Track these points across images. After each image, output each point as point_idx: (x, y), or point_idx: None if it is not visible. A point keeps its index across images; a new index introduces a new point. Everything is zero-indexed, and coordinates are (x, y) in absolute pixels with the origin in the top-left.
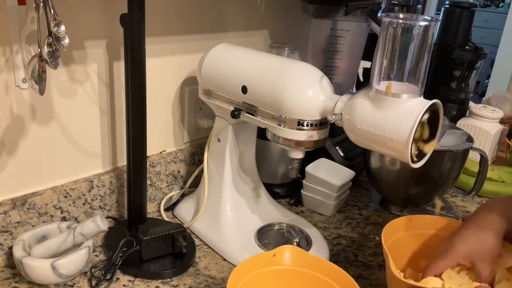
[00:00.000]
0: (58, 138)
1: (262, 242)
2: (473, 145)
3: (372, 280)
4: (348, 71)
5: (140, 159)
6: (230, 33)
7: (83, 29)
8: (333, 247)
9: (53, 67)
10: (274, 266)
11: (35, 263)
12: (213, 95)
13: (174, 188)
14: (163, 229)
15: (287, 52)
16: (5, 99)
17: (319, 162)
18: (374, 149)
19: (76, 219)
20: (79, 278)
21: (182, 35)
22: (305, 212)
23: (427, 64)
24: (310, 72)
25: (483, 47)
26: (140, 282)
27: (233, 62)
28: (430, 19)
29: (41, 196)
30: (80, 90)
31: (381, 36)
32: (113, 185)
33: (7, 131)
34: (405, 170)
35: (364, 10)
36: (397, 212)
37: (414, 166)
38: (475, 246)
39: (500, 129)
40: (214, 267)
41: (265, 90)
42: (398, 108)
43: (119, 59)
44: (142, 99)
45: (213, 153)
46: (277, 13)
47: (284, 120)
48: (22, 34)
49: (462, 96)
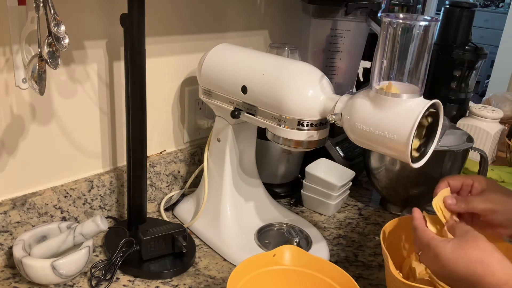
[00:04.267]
0: (58, 138)
1: (262, 242)
2: (473, 145)
3: (372, 280)
4: (348, 71)
5: (140, 159)
6: (230, 33)
7: (83, 29)
8: (333, 247)
9: (53, 67)
10: (274, 266)
11: (35, 263)
12: (213, 95)
13: (174, 188)
14: (163, 229)
15: (287, 52)
16: (5, 99)
17: (319, 162)
18: (374, 149)
19: (76, 219)
20: (79, 278)
21: (182, 35)
22: (305, 212)
23: (427, 64)
24: (310, 72)
25: (483, 47)
26: (140, 282)
27: (233, 62)
28: (430, 19)
29: (41, 196)
30: (80, 90)
31: (381, 36)
32: (113, 185)
33: (7, 131)
34: (405, 170)
35: (364, 10)
36: (397, 212)
37: (414, 166)
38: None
39: (500, 129)
40: (214, 267)
41: (265, 90)
42: (398, 108)
43: (119, 59)
44: (142, 99)
45: (213, 153)
46: (277, 13)
47: (284, 120)
48: (22, 34)
49: (462, 96)
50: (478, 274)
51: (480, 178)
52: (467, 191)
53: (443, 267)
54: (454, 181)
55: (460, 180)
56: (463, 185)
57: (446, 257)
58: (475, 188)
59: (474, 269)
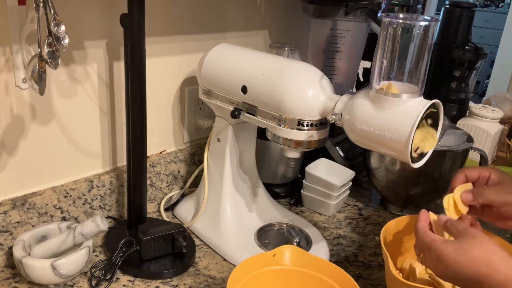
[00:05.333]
0: (58, 138)
1: (262, 242)
2: (473, 145)
3: (372, 280)
4: (348, 71)
5: (140, 159)
6: (230, 33)
7: (83, 29)
8: (333, 247)
9: (53, 67)
10: (274, 266)
11: (35, 263)
12: (213, 95)
13: (174, 188)
14: (163, 229)
15: (287, 52)
16: (5, 99)
17: (319, 162)
18: (374, 149)
19: (76, 219)
20: (79, 278)
21: (182, 35)
22: (305, 212)
23: (427, 64)
24: (310, 72)
25: (483, 47)
26: (140, 282)
27: (233, 62)
28: (430, 19)
29: (41, 196)
30: (80, 90)
31: (381, 36)
32: (113, 185)
33: (7, 131)
34: (405, 170)
35: (364, 10)
36: (397, 212)
37: (414, 166)
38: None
39: (500, 129)
40: (214, 267)
41: (265, 90)
42: (398, 108)
43: (119, 59)
44: (142, 99)
45: (213, 153)
46: (277, 13)
47: (284, 120)
48: (22, 34)
49: (462, 96)
50: (483, 273)
51: (496, 170)
52: (483, 183)
53: (447, 268)
54: (471, 173)
55: (477, 172)
56: (480, 177)
57: (449, 258)
58: (491, 180)
59: (479, 268)
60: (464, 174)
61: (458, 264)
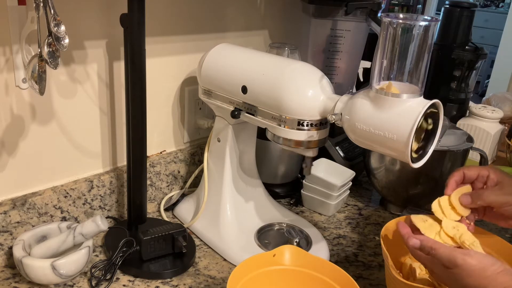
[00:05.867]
0: (58, 138)
1: (262, 242)
2: (473, 145)
3: (372, 280)
4: (348, 71)
5: (140, 159)
6: (230, 33)
7: (83, 29)
8: (333, 247)
9: (53, 67)
10: (274, 266)
11: (35, 263)
12: (213, 95)
13: (174, 188)
14: (163, 229)
15: (287, 52)
16: (5, 99)
17: (319, 162)
18: (374, 149)
19: (76, 219)
20: (79, 278)
21: (182, 35)
22: (305, 212)
23: (427, 64)
24: (310, 72)
25: (483, 47)
26: (140, 282)
27: (233, 62)
28: (430, 19)
29: (41, 196)
30: (80, 90)
31: (381, 36)
32: (113, 185)
33: (7, 131)
34: (405, 170)
35: (364, 10)
36: (397, 212)
37: (414, 166)
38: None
39: (500, 129)
40: (214, 267)
41: (265, 90)
42: (398, 108)
43: (119, 59)
44: (142, 99)
45: (213, 153)
46: (277, 13)
47: (284, 120)
48: (22, 34)
49: (462, 96)
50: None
51: (495, 169)
52: (483, 182)
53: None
54: (469, 171)
55: (476, 171)
56: (479, 176)
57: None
58: (491, 179)
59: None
60: (462, 172)
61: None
